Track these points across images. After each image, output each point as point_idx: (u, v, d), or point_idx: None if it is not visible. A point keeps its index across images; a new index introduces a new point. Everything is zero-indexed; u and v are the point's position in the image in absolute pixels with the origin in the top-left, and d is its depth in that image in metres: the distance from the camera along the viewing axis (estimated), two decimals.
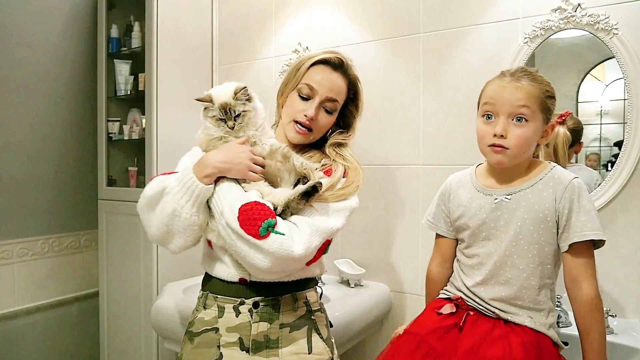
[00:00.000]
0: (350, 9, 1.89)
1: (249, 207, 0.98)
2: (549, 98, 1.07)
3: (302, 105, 1.13)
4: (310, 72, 1.14)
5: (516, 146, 1.05)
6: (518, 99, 1.05)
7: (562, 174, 1.07)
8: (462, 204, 1.17)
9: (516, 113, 1.05)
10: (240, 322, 1.06)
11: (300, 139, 1.14)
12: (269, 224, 0.97)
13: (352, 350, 1.80)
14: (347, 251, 1.90)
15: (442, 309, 1.14)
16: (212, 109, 1.09)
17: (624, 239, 1.41)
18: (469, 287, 1.13)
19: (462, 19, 1.65)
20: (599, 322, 1.02)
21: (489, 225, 1.11)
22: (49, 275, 2.15)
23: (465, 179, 1.19)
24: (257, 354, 1.05)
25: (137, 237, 2.06)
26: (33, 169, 2.09)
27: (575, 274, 1.04)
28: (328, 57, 1.14)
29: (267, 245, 0.96)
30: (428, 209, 1.28)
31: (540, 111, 1.06)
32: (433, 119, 1.71)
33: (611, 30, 1.39)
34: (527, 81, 1.06)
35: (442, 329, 1.10)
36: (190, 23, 2.18)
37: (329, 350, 1.11)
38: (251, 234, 0.96)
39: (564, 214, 1.04)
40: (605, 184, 1.42)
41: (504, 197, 1.09)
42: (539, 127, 1.07)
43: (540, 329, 1.05)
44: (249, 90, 1.11)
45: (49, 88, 2.13)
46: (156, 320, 1.64)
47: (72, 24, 2.20)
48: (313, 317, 1.12)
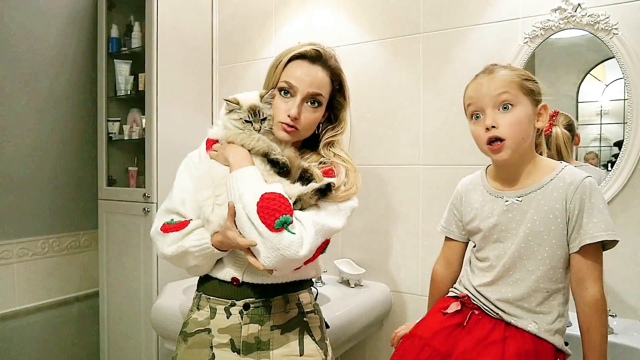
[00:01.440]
0: (350, 9, 1.89)
1: (272, 196, 0.96)
2: (527, 80, 1.06)
3: (285, 105, 1.09)
4: (288, 69, 1.10)
5: (511, 133, 1.04)
6: (496, 87, 1.05)
7: (574, 174, 1.05)
8: (473, 207, 1.16)
9: (500, 101, 1.05)
10: (231, 324, 1.06)
11: (289, 137, 1.10)
12: (286, 220, 0.95)
13: (352, 350, 1.80)
14: (347, 251, 1.90)
15: (449, 308, 1.14)
16: (238, 111, 1.07)
17: (624, 239, 1.39)
18: (475, 286, 1.12)
19: (462, 19, 1.65)
20: (603, 324, 1.01)
21: (500, 228, 1.10)
22: (49, 275, 2.15)
23: (476, 182, 1.18)
24: (248, 355, 1.04)
25: (137, 237, 2.06)
26: (33, 169, 2.09)
27: (582, 275, 1.03)
28: (304, 51, 1.10)
29: (276, 241, 0.93)
30: (443, 215, 1.27)
31: (524, 94, 1.05)
32: (433, 119, 1.71)
33: (611, 30, 1.39)
34: (499, 71, 1.07)
35: (447, 329, 1.09)
36: (190, 23, 2.18)
37: (321, 352, 1.10)
38: (265, 223, 0.94)
39: (575, 214, 1.02)
40: (605, 184, 1.42)
41: (515, 199, 1.08)
42: (528, 110, 1.06)
43: (543, 335, 1.03)
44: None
45: (49, 88, 2.13)
46: (156, 320, 1.64)
47: (72, 24, 2.20)
48: (305, 319, 1.11)
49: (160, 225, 1.09)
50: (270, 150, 1.05)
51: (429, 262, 1.30)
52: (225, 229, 1.01)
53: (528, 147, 1.08)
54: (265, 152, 1.04)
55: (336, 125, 1.18)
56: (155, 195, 2.00)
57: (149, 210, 2.01)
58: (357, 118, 1.88)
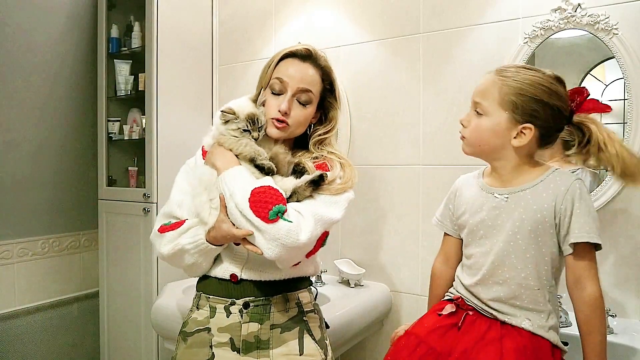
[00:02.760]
0: (350, 9, 1.89)
1: (262, 190, 0.98)
2: (520, 95, 1.03)
3: (275, 101, 1.11)
4: (279, 67, 1.13)
5: (470, 137, 1.10)
6: (477, 92, 1.09)
7: (564, 176, 1.06)
8: (466, 201, 1.17)
9: (475, 105, 1.09)
10: (231, 323, 1.06)
11: (280, 134, 1.11)
12: (280, 210, 0.96)
13: (352, 350, 1.80)
14: (347, 251, 1.90)
15: (443, 310, 1.15)
16: (236, 121, 1.08)
17: (624, 239, 1.41)
18: (467, 286, 1.14)
19: (462, 19, 1.65)
20: (602, 323, 1.02)
21: (487, 224, 1.11)
22: (49, 275, 2.15)
23: (472, 179, 1.21)
24: (248, 354, 1.05)
25: (137, 237, 2.06)
26: (33, 169, 2.09)
27: (578, 275, 1.03)
28: (295, 50, 1.13)
29: (273, 231, 0.95)
30: (438, 208, 1.29)
31: (503, 108, 1.05)
32: (433, 119, 1.71)
33: (611, 30, 1.39)
34: (498, 75, 1.07)
35: (442, 328, 1.10)
36: (190, 23, 2.18)
37: (321, 352, 1.11)
38: (259, 217, 0.96)
39: (566, 215, 1.03)
40: (605, 184, 1.42)
41: (504, 196, 1.09)
42: (500, 125, 1.06)
43: (538, 331, 1.04)
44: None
45: (49, 88, 2.13)
46: (156, 320, 1.64)
47: (72, 24, 2.20)
48: (305, 318, 1.12)
49: (158, 227, 1.12)
50: (257, 155, 1.06)
51: (429, 262, 1.31)
52: (218, 222, 1.02)
53: (506, 152, 1.08)
54: (251, 157, 1.06)
55: (327, 124, 1.19)
56: (155, 195, 2.00)
57: (149, 210, 2.01)
58: (357, 118, 1.88)
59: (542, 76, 1.05)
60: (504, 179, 1.12)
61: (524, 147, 1.07)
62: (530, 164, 1.10)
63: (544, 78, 1.05)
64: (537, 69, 1.08)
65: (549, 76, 1.06)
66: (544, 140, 1.08)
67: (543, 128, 1.05)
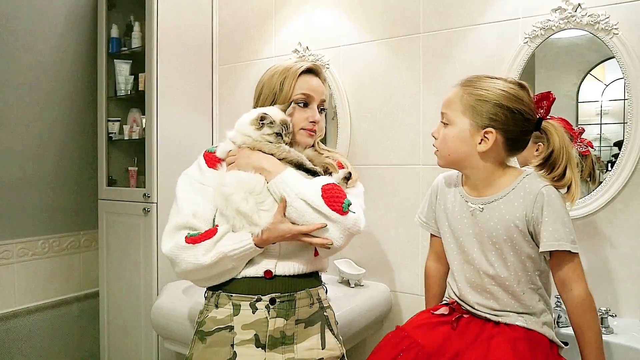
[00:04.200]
0: (350, 9, 1.89)
1: (330, 187, 1.08)
2: (480, 101, 1.07)
3: (304, 113, 1.21)
4: (300, 83, 1.21)
5: (439, 147, 1.14)
6: (443, 104, 1.14)
7: (533, 183, 1.06)
8: (447, 206, 1.19)
9: (442, 116, 1.14)
10: (257, 319, 1.08)
11: (312, 140, 1.24)
12: (349, 203, 1.07)
13: (352, 350, 1.80)
14: (347, 251, 1.90)
15: (437, 310, 1.17)
16: (272, 126, 1.14)
17: (624, 239, 1.41)
18: (456, 293, 1.16)
19: (462, 19, 1.65)
20: (594, 322, 1.03)
21: (467, 231, 1.13)
22: (49, 275, 2.15)
23: (452, 181, 1.21)
24: (273, 350, 1.07)
25: (137, 237, 2.06)
26: (33, 169, 2.09)
27: (563, 278, 1.05)
28: (310, 66, 1.24)
29: (346, 222, 1.05)
30: (420, 206, 1.30)
31: (464, 115, 1.08)
32: (433, 119, 1.71)
33: (611, 30, 1.39)
34: (462, 86, 1.11)
35: (430, 324, 1.12)
36: (190, 23, 2.18)
37: (340, 346, 1.15)
38: (335, 210, 1.05)
39: (538, 223, 1.04)
40: (605, 184, 1.42)
41: (478, 207, 1.11)
42: (464, 130, 1.08)
43: (532, 327, 1.05)
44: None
45: (49, 88, 2.13)
46: (156, 320, 1.64)
47: (72, 24, 2.20)
48: (325, 314, 1.16)
49: (181, 239, 1.10)
50: (303, 160, 1.14)
51: None
52: (275, 223, 1.07)
53: (474, 160, 1.09)
54: (299, 162, 1.13)
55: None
56: (155, 195, 2.00)
57: (149, 210, 2.01)
58: (358, 118, 1.88)
59: (501, 83, 1.08)
60: (478, 188, 1.13)
61: (490, 152, 1.07)
62: (500, 170, 1.11)
63: (503, 84, 1.07)
64: (500, 77, 1.10)
65: (510, 82, 1.09)
66: (511, 145, 1.08)
67: (506, 132, 1.06)
